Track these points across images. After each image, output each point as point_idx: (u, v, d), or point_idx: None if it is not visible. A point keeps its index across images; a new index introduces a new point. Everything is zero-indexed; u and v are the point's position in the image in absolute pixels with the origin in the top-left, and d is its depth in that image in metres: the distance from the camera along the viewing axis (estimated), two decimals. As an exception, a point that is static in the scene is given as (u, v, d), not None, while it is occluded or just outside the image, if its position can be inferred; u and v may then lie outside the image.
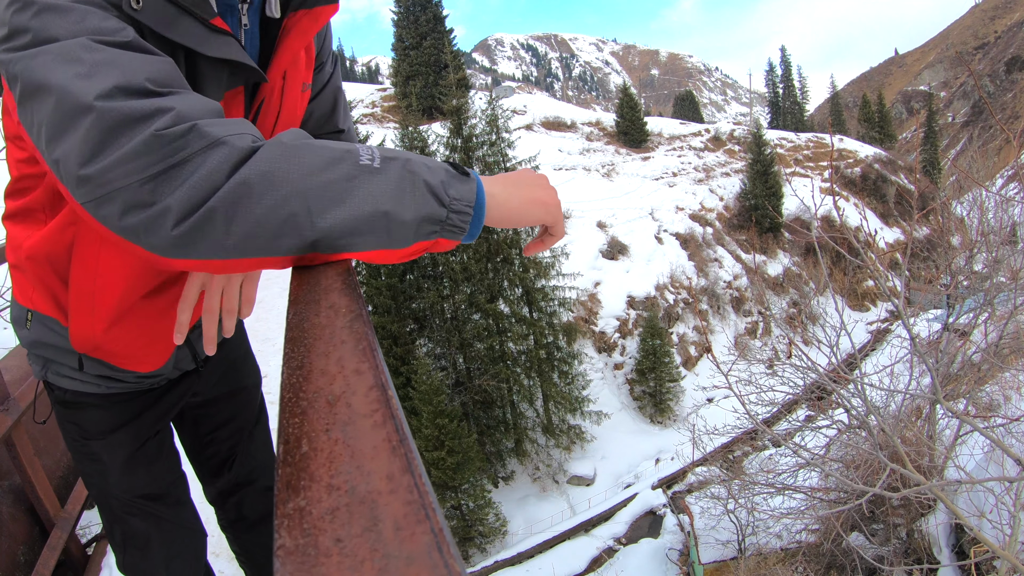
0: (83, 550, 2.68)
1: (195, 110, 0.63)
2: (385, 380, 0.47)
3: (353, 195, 0.66)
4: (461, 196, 0.73)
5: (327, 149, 0.67)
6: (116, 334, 1.11)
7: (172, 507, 1.52)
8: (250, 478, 1.72)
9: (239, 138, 0.63)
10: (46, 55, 0.63)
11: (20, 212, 1.02)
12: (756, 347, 22.03)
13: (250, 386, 1.68)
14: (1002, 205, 9.04)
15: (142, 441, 1.39)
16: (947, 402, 6.60)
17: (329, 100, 1.17)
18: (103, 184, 0.61)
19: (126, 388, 1.30)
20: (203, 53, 0.80)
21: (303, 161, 0.65)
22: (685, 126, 46.61)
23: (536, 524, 18.54)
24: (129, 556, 1.50)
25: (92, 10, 0.67)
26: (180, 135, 0.61)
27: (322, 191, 0.65)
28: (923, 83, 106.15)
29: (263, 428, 1.76)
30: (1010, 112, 68.20)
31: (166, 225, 0.61)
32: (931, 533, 7.55)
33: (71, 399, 1.27)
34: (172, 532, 1.52)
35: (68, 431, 1.34)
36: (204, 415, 1.58)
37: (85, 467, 1.40)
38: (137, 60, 0.65)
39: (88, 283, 1.03)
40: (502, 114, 20.68)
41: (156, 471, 1.45)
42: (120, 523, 1.46)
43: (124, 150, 0.60)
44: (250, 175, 0.62)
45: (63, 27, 0.64)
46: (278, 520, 0.35)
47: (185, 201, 0.60)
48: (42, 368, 1.25)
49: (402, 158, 0.71)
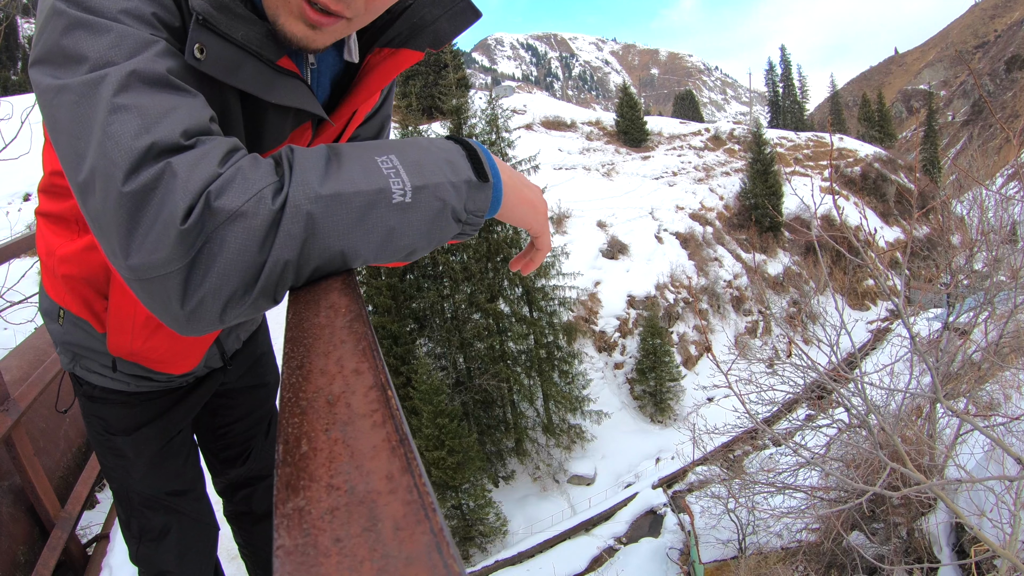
0: (83, 550, 2.68)
1: (200, 173, 0.57)
2: (385, 380, 0.47)
3: (388, 244, 0.64)
4: (477, 208, 0.71)
5: (359, 195, 0.61)
6: (153, 344, 1.13)
7: (193, 502, 1.54)
8: (263, 473, 1.74)
9: (257, 202, 0.57)
10: (68, 94, 0.58)
11: (53, 215, 1.02)
12: (756, 346, 22.05)
13: (271, 383, 1.69)
14: (1002, 204, 9.03)
15: (169, 438, 1.41)
16: (947, 401, 6.60)
17: (376, 127, 1.11)
18: (143, 276, 0.58)
19: (156, 387, 1.31)
20: (268, 100, 0.74)
21: (338, 218, 0.60)
22: (685, 125, 46.60)
23: (536, 524, 18.55)
24: (144, 547, 1.51)
25: (129, 31, 0.61)
26: (196, 221, 0.55)
27: (359, 245, 0.62)
28: (923, 82, 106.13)
29: (276, 424, 1.76)
30: (1010, 111, 68.17)
31: (202, 319, 0.59)
32: (931, 532, 7.55)
33: (99, 395, 1.28)
34: (190, 526, 1.53)
35: (93, 424, 1.35)
36: (223, 406, 1.59)
37: (108, 461, 1.40)
38: (164, 105, 0.59)
39: (129, 306, 1.05)
40: (502, 114, 20.69)
41: (181, 467, 1.47)
42: (139, 516, 1.47)
43: (149, 241, 0.56)
44: (284, 255, 0.58)
45: (95, 51, 0.59)
46: (277, 520, 0.35)
47: (216, 292, 0.57)
48: (71, 361, 1.25)
49: (431, 183, 0.66)
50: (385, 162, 0.65)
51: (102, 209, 0.57)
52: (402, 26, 0.85)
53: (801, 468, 9.54)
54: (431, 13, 0.85)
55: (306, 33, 0.72)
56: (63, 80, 0.59)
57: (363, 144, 0.69)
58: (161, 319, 0.61)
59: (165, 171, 0.56)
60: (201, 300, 0.57)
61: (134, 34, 0.61)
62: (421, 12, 0.85)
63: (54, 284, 1.10)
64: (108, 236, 0.57)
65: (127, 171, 0.55)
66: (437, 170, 0.67)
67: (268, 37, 0.71)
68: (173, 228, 0.54)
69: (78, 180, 0.59)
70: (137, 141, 0.56)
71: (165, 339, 1.14)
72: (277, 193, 0.58)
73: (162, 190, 0.55)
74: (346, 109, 0.91)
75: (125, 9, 0.61)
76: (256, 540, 1.83)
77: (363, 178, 0.62)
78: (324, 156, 0.63)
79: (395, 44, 0.86)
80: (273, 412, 1.75)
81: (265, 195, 0.57)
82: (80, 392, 1.31)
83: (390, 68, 0.88)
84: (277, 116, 0.81)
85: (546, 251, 0.89)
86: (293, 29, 0.71)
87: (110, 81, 0.58)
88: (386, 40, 0.86)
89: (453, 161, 0.70)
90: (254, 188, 0.57)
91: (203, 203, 0.55)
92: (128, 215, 0.55)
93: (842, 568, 8.83)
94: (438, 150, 0.71)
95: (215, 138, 0.61)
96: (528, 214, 0.82)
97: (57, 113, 0.59)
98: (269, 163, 0.62)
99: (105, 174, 0.56)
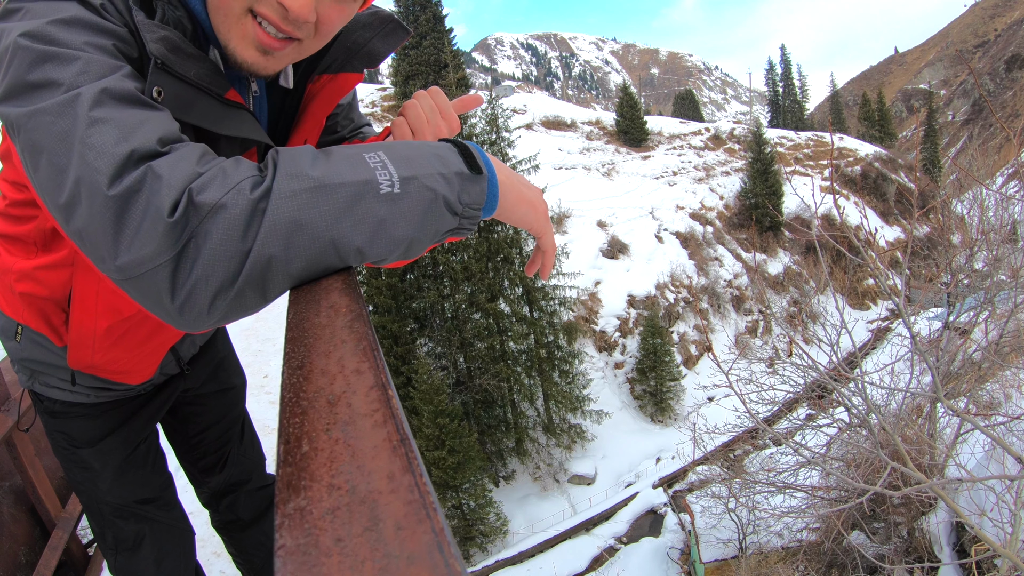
0: (84, 551, 2.67)
1: (181, 172, 0.58)
2: (386, 380, 0.47)
3: (380, 235, 0.64)
4: (473, 200, 0.71)
5: (344, 186, 0.62)
6: (113, 356, 1.15)
7: (164, 509, 1.55)
8: (243, 478, 1.74)
9: (236, 194, 0.58)
10: (45, 116, 0.60)
11: (9, 236, 1.02)
12: (757, 346, 22.03)
13: (238, 385, 1.71)
14: (1002, 203, 9.02)
15: (133, 446, 1.42)
16: (948, 400, 6.60)
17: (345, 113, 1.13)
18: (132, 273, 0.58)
19: (115, 396, 1.32)
20: (219, 133, 0.77)
21: (323, 208, 0.60)
22: (685, 125, 46.59)
23: (537, 523, 18.55)
24: (121, 558, 1.51)
25: (96, 58, 0.63)
26: (181, 215, 0.56)
27: (349, 236, 0.62)
28: (923, 81, 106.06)
29: (250, 427, 1.79)
30: (1010, 110, 68.11)
31: (192, 311, 0.59)
32: (932, 531, 7.55)
33: (60, 409, 1.29)
34: (163, 533, 1.54)
35: (56, 439, 1.36)
36: (193, 414, 1.61)
37: (75, 474, 1.41)
38: (137, 117, 0.61)
39: (90, 321, 1.07)
40: (502, 113, 20.68)
41: (148, 475, 1.48)
42: (112, 527, 1.48)
43: (138, 239, 0.57)
44: (269, 248, 0.58)
45: (66, 77, 0.61)
46: (279, 520, 0.35)
47: (204, 282, 0.57)
48: (29, 378, 1.26)
49: (420, 173, 0.66)
50: (372, 157, 0.66)
51: (88, 217, 0.57)
52: (337, 52, 0.90)
53: (802, 467, 9.53)
54: (363, 36, 0.91)
55: (257, 59, 0.75)
56: (36, 106, 0.60)
57: (351, 145, 0.70)
58: (156, 315, 0.61)
59: (147, 174, 0.57)
60: (190, 292, 0.57)
61: (101, 60, 0.63)
62: (353, 36, 0.90)
63: (11, 302, 1.10)
64: (95, 242, 0.58)
65: (111, 177, 0.57)
66: (426, 163, 0.68)
67: (216, 72, 0.75)
68: (161, 222, 0.56)
69: (60, 201, 0.59)
70: (117, 148, 0.58)
71: (124, 351, 1.16)
72: (257, 185, 0.59)
73: (147, 191, 0.57)
74: (297, 139, 0.95)
75: (88, 41, 0.64)
76: (247, 546, 1.83)
77: (349, 170, 0.63)
78: (310, 154, 0.64)
79: (333, 70, 0.91)
80: (245, 415, 1.76)
81: (243, 187, 0.58)
82: (41, 409, 1.32)
83: (332, 93, 0.93)
84: (227, 145, 0.83)
85: (552, 251, 0.89)
86: (245, 55, 0.75)
87: (84, 98, 0.60)
88: (324, 67, 0.91)
89: (443, 155, 0.70)
90: (232, 181, 0.59)
91: (186, 199, 0.57)
92: (115, 217, 0.57)
93: (843, 568, 8.83)
94: (428, 147, 0.71)
95: (188, 143, 0.63)
96: (528, 214, 0.82)
97: (34, 135, 0.60)
98: (251, 163, 0.63)
99: (90, 183, 0.57)
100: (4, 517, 2.36)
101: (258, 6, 0.71)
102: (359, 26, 0.91)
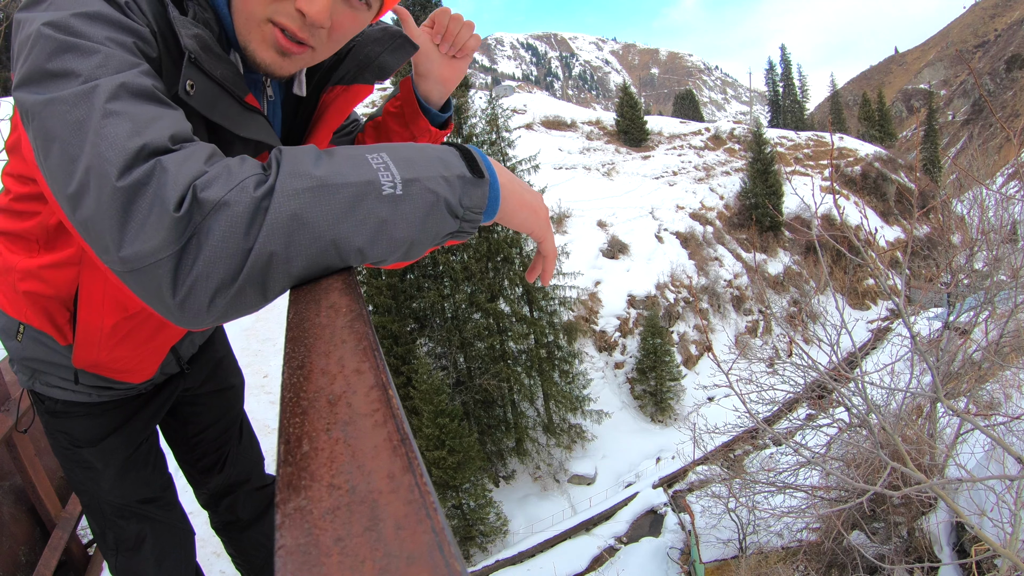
0: (84, 551, 2.67)
1: (189, 168, 0.59)
2: (386, 380, 0.47)
3: (381, 235, 0.64)
4: (474, 204, 0.71)
5: (347, 186, 0.62)
6: (117, 354, 1.16)
7: (165, 509, 1.55)
8: (242, 478, 1.75)
9: (239, 192, 0.58)
10: (61, 105, 0.60)
11: (12, 233, 1.02)
12: (757, 346, 22.03)
13: (237, 385, 1.72)
14: (1002, 203, 9.03)
15: (135, 446, 1.42)
16: (948, 400, 6.60)
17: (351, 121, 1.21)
18: (136, 266, 0.59)
19: (116, 395, 1.32)
20: (237, 134, 0.81)
21: (325, 208, 0.60)
22: (685, 125, 46.59)
23: (537, 523, 18.56)
24: (122, 558, 1.51)
25: (115, 53, 0.64)
26: (186, 211, 0.57)
27: (351, 236, 0.62)
28: (923, 81, 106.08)
29: (248, 428, 1.80)
30: (1010, 110, 68.12)
31: (192, 307, 0.59)
32: (932, 531, 7.55)
33: (61, 409, 1.29)
34: (164, 533, 1.54)
35: (57, 440, 1.36)
36: (192, 414, 1.61)
37: (76, 475, 1.41)
38: (151, 113, 0.62)
39: (96, 319, 1.07)
40: (502, 113, 20.69)
41: (150, 475, 1.48)
42: (113, 527, 1.48)
43: (144, 231, 0.57)
44: (271, 245, 0.58)
45: (84, 68, 0.62)
46: (279, 519, 0.35)
47: (204, 279, 0.57)
48: (30, 378, 1.26)
49: (423, 176, 0.67)
50: (375, 158, 0.66)
51: (96, 207, 0.58)
52: (350, 64, 0.98)
53: (802, 467, 9.53)
54: (374, 50, 0.98)
55: (275, 60, 0.81)
56: (53, 94, 0.61)
57: (355, 146, 0.70)
58: (156, 310, 0.61)
59: (156, 168, 0.58)
60: (190, 288, 0.58)
61: (120, 55, 0.65)
62: (365, 50, 0.98)
63: (13, 300, 1.10)
64: (100, 232, 0.59)
65: (121, 168, 0.57)
66: (428, 165, 0.68)
67: (237, 75, 0.79)
68: (167, 216, 0.56)
69: (69, 190, 0.60)
70: (130, 142, 0.59)
71: (129, 349, 1.16)
72: (260, 184, 0.60)
73: (155, 184, 0.58)
74: None
75: (110, 36, 0.66)
76: (247, 546, 1.84)
77: (351, 170, 0.64)
78: (313, 153, 0.65)
79: (346, 81, 0.98)
80: (243, 416, 1.77)
81: (247, 185, 0.59)
82: (42, 409, 1.31)
83: (345, 103, 1.00)
84: (241, 147, 0.84)
85: (553, 256, 0.90)
86: (264, 56, 0.80)
87: (102, 90, 0.61)
88: (338, 78, 0.97)
89: (445, 158, 0.71)
90: (236, 179, 0.59)
91: (191, 195, 0.57)
92: (122, 208, 0.57)
93: (843, 567, 8.83)
94: (431, 149, 0.72)
95: (199, 143, 0.64)
96: (529, 219, 0.82)
97: (48, 123, 0.61)
98: (256, 162, 0.64)
99: (99, 172, 0.58)
100: (4, 517, 2.36)
101: (277, 16, 0.77)
102: (370, 40, 0.98)
